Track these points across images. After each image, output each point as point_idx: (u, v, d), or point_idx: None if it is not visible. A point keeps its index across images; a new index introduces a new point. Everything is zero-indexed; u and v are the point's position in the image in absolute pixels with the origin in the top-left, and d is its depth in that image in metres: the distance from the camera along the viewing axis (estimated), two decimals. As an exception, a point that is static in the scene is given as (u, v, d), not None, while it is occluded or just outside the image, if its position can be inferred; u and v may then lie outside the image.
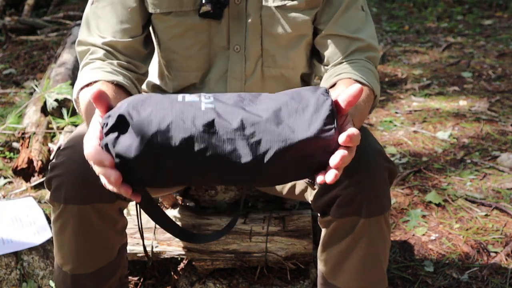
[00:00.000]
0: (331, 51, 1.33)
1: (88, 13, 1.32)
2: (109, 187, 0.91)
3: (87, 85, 1.19)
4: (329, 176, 0.91)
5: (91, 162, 0.90)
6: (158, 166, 0.89)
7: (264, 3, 1.30)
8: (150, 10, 1.30)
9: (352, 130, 0.89)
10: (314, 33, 1.36)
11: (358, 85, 0.93)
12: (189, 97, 0.93)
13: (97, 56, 1.27)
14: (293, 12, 1.30)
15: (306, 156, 0.92)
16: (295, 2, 1.29)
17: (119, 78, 1.21)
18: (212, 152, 0.89)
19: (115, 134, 0.89)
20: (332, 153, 0.91)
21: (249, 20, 1.30)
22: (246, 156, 0.90)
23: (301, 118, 0.92)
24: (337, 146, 0.92)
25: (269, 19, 1.31)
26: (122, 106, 0.91)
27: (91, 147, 0.89)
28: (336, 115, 0.93)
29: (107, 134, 0.89)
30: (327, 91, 0.96)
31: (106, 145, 0.89)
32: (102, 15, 1.29)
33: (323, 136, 0.90)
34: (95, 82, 1.18)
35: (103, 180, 0.91)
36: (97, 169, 0.90)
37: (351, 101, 0.94)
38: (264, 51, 1.34)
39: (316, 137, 0.90)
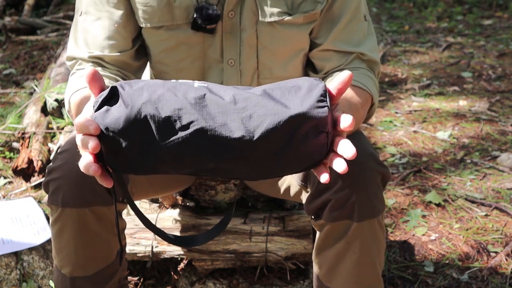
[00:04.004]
0: (329, 63, 1.31)
1: (76, 26, 1.30)
2: (83, 162, 0.84)
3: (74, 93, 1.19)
4: (340, 165, 0.86)
5: (78, 136, 0.85)
6: (146, 140, 0.86)
7: (260, 18, 1.26)
8: (141, 24, 1.27)
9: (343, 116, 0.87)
10: (311, 46, 1.33)
11: (348, 72, 0.90)
12: (182, 80, 0.92)
13: (84, 67, 1.26)
14: (291, 28, 1.27)
15: (298, 136, 0.88)
16: (292, 17, 1.26)
17: (105, 81, 1.20)
18: (202, 125, 0.86)
19: (105, 107, 0.86)
20: (326, 142, 0.89)
21: (245, 36, 1.27)
22: (236, 131, 0.86)
23: (294, 97, 0.89)
24: (331, 143, 0.89)
25: (266, 34, 1.27)
26: (115, 83, 0.90)
27: (80, 118, 0.85)
28: (330, 97, 0.91)
29: (98, 109, 0.87)
30: (320, 79, 0.94)
31: (96, 120, 0.86)
32: (90, 29, 1.27)
33: (316, 112, 0.87)
34: (82, 88, 1.18)
35: (82, 161, 0.85)
36: (80, 139, 0.85)
37: (341, 88, 0.90)
38: (261, 64, 1.31)
39: (308, 113, 0.87)
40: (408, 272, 1.88)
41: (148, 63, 1.38)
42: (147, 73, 1.44)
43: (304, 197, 1.31)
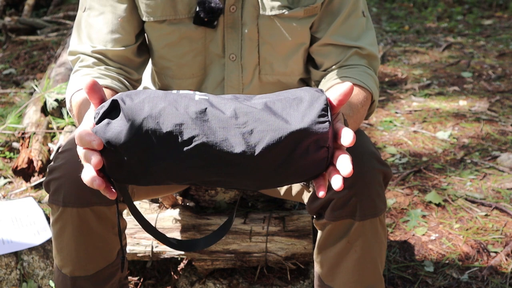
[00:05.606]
0: (328, 59, 1.31)
1: (79, 21, 1.30)
2: (86, 176, 0.85)
3: (76, 93, 1.19)
4: (337, 183, 0.86)
5: (79, 148, 0.85)
6: (147, 155, 0.87)
7: (261, 12, 1.27)
8: (144, 18, 1.28)
9: (346, 130, 0.87)
10: (311, 40, 1.33)
11: (349, 83, 0.90)
12: (183, 91, 0.92)
13: (86, 64, 1.26)
14: (291, 21, 1.27)
15: (299, 151, 0.88)
16: (293, 11, 1.26)
17: (107, 82, 1.20)
18: (203, 141, 0.86)
19: (106, 121, 0.86)
20: (326, 156, 0.89)
21: (246, 30, 1.28)
22: (237, 146, 0.87)
23: (295, 111, 0.89)
24: (331, 154, 0.89)
25: (266, 28, 1.28)
26: (116, 95, 0.90)
27: (81, 130, 0.85)
28: (331, 110, 0.90)
29: (99, 122, 0.87)
30: (321, 90, 0.94)
31: (97, 134, 0.86)
32: (93, 23, 1.27)
33: (316, 128, 0.87)
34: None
35: (85, 174, 0.85)
36: (82, 153, 0.85)
37: (341, 99, 0.90)
38: (262, 59, 1.32)
39: (309, 129, 0.87)
40: (408, 272, 1.88)
41: (150, 60, 1.38)
42: (148, 71, 1.44)
43: (306, 196, 1.31)
